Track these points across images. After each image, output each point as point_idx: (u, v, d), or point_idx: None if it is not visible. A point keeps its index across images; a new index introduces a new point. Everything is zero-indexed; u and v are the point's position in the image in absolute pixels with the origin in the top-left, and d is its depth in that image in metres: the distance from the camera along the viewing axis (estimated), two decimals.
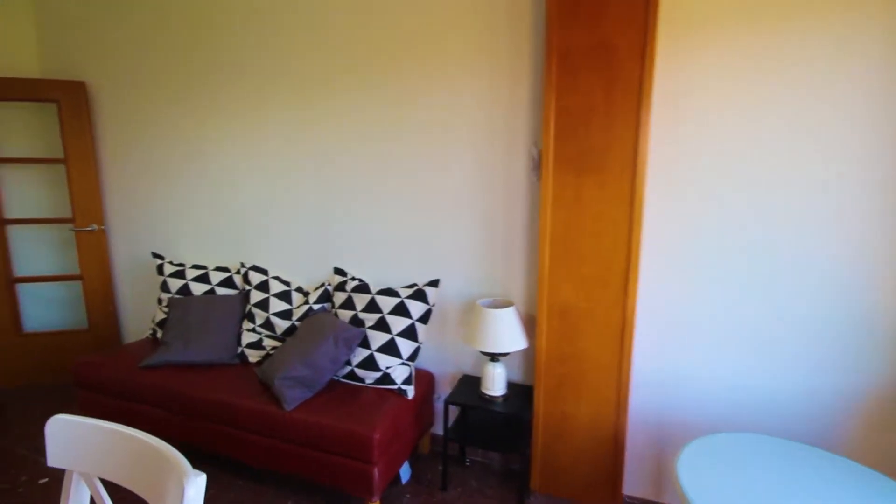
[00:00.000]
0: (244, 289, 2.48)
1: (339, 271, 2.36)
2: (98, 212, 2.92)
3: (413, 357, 2.05)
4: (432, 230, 2.16)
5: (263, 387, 1.99)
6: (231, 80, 2.47)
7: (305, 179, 2.39)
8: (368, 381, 2.01)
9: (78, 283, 2.99)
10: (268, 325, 2.31)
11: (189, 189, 2.70)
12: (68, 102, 2.76)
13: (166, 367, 2.18)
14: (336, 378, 2.06)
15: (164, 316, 2.52)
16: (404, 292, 2.10)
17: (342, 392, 1.95)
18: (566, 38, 1.62)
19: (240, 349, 2.30)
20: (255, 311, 2.35)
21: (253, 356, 2.27)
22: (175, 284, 2.53)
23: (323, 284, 2.33)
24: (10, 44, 2.86)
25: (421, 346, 2.08)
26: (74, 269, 2.98)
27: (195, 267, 2.59)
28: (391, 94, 2.13)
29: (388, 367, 1.99)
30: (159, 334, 2.51)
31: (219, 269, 2.58)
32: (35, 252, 3.01)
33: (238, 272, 2.56)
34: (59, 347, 2.97)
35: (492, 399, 1.90)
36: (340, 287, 2.27)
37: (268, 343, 2.30)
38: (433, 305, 2.12)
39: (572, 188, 1.68)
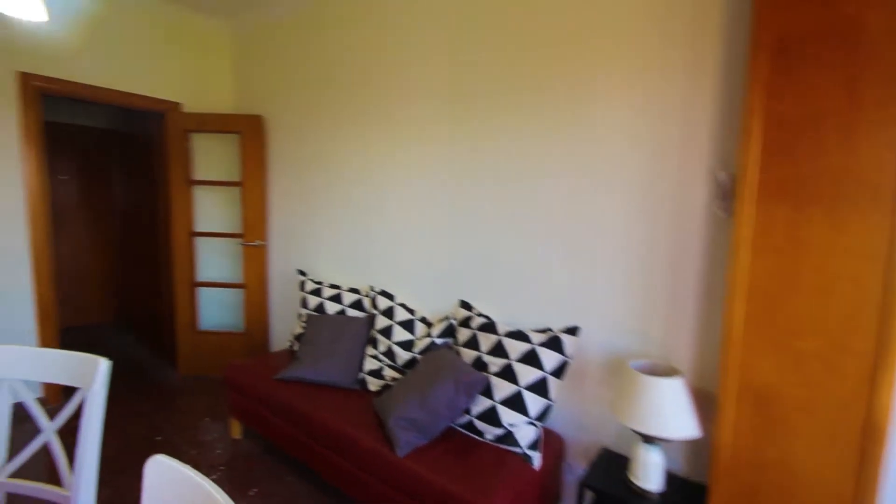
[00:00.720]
0: (371, 313, 2.46)
1: (465, 305, 2.18)
2: (262, 229, 3.27)
3: (542, 417, 1.73)
4: (575, 268, 1.84)
5: (379, 422, 1.88)
6: (375, 119, 2.53)
7: (439, 208, 2.29)
8: (488, 436, 1.75)
9: (241, 291, 3.38)
10: (389, 353, 2.22)
11: (333, 212, 2.85)
12: (248, 133, 3.17)
13: (296, 384, 2.24)
14: (453, 426, 1.84)
15: (301, 331, 2.64)
16: (536, 338, 1.80)
17: (459, 445, 1.72)
18: (783, 20, 1.19)
19: (361, 375, 2.26)
20: (379, 337, 2.29)
21: (373, 384, 2.20)
22: (312, 301, 2.64)
23: (447, 318, 2.17)
24: (214, 86, 3.44)
25: (553, 405, 1.75)
26: (239, 278, 3.38)
27: (331, 286, 2.68)
28: (534, 115, 1.90)
29: (511, 425, 1.70)
30: (296, 347, 2.63)
31: (351, 290, 2.62)
32: (211, 261, 3.50)
33: (367, 295, 2.56)
34: (222, 346, 3.37)
35: (644, 494, 1.47)
36: (465, 323, 2.07)
37: (388, 373, 2.21)
38: (571, 358, 1.78)
39: (785, 226, 1.21)
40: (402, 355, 2.18)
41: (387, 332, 2.27)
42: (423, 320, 2.30)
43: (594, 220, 1.77)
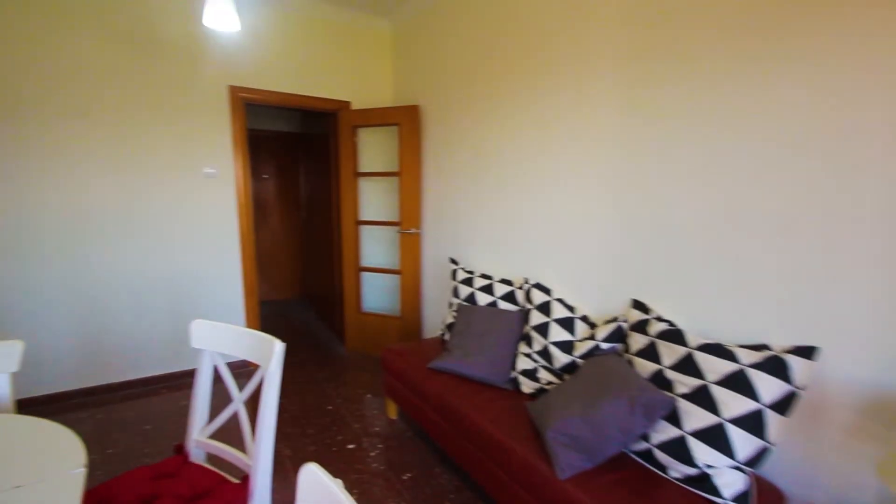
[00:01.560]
0: (525, 307, 2.26)
1: (639, 305, 1.82)
2: (417, 217, 3.35)
3: (755, 462, 1.30)
4: (805, 258, 1.34)
5: (534, 431, 1.68)
6: (530, 99, 2.29)
7: (607, 194, 1.96)
8: (674, 473, 1.40)
9: (397, 277, 3.54)
10: (545, 354, 2.00)
11: (485, 200, 2.72)
12: (406, 123, 3.26)
13: (447, 375, 2.18)
14: (626, 452, 1.54)
15: (452, 320, 2.60)
16: (746, 356, 1.37)
17: (633, 477, 1.42)
18: None
19: (513, 374, 2.09)
20: (534, 334, 2.08)
21: (526, 386, 2.01)
22: (464, 291, 2.57)
23: (615, 319, 1.84)
24: (377, 82, 3.64)
25: (771, 449, 1.30)
26: (396, 265, 3.54)
27: (482, 276, 2.56)
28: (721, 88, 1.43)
29: (709, 466, 1.32)
30: (447, 336, 2.61)
31: (503, 281, 2.47)
32: (373, 247, 3.74)
33: (521, 287, 2.37)
34: (380, 328, 3.58)
35: None
36: (640, 327, 1.72)
37: (543, 376, 1.99)
38: (802, 389, 1.30)
39: None
40: (560, 357, 1.93)
41: (542, 329, 2.05)
42: (585, 319, 2.01)
43: (833, 191, 1.25)
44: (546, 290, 2.19)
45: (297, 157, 5.40)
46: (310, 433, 2.44)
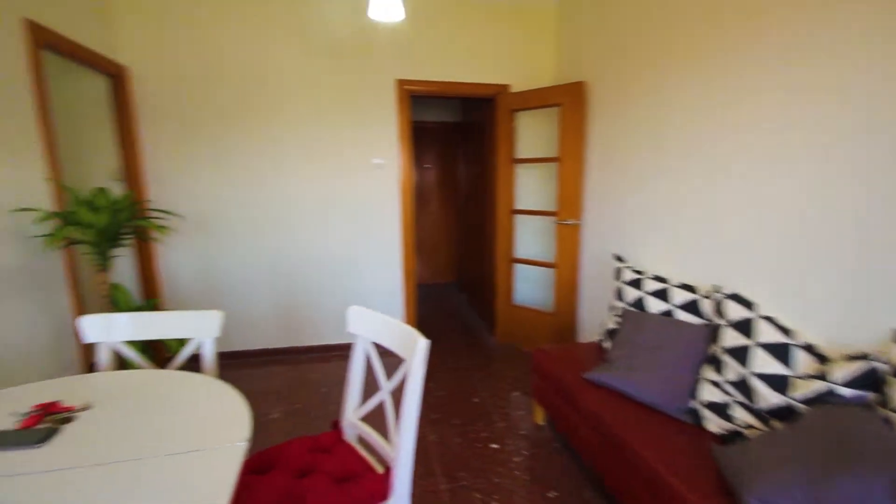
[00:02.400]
0: (713, 321, 1.81)
1: None
2: (577, 207, 3.04)
3: None
4: None
5: (724, 486, 1.31)
6: (726, 61, 1.77)
7: (856, 170, 1.39)
8: None
9: (552, 271, 3.29)
10: (743, 386, 1.55)
11: (662, 188, 2.28)
12: (569, 103, 2.95)
13: (606, 390, 1.90)
14: None
15: (614, 326, 2.27)
16: None
17: None
18: None
19: (693, 403, 1.69)
20: (726, 359, 1.64)
21: (712, 423, 1.60)
22: (630, 294, 2.21)
23: (865, 356, 1.30)
24: (538, 62, 3.39)
25: None
26: (551, 258, 3.29)
27: (655, 279, 2.16)
28: None
29: None
30: (606, 344, 2.29)
31: (683, 286, 2.03)
32: (527, 238, 3.56)
33: (708, 297, 1.91)
34: (532, 323, 3.40)
35: None
36: None
37: (739, 415, 1.55)
38: None
39: None
40: (768, 396, 1.47)
41: (740, 354, 1.60)
42: (811, 349, 1.49)
43: None
44: (747, 304, 1.70)
45: (457, 145, 5.51)
46: (455, 423, 2.43)
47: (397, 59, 3.21)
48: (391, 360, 1.63)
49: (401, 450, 1.21)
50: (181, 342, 2.03)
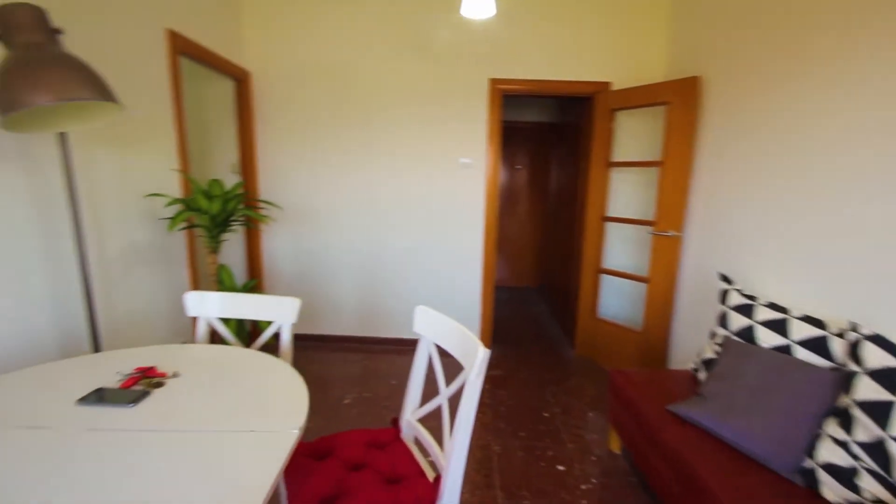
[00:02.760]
0: (846, 367, 1.48)
1: None
2: (679, 217, 2.72)
3: None
4: None
5: None
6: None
7: None
8: None
9: (643, 286, 3.00)
10: (879, 452, 1.25)
11: (785, 198, 1.93)
12: (678, 101, 2.65)
13: (694, 428, 1.66)
14: None
15: (712, 356, 1.99)
16: None
17: None
18: None
19: (808, 463, 1.40)
20: (860, 415, 1.33)
21: (830, 491, 1.31)
22: (736, 321, 1.91)
23: None
24: (645, 56, 3.09)
25: None
26: (643, 271, 3.00)
27: (771, 306, 1.84)
28: None
29: None
30: (701, 375, 2.01)
31: (807, 319, 1.70)
32: (617, 247, 3.28)
33: (841, 335, 1.57)
34: (616, 340, 3.14)
35: None
36: None
37: (868, 486, 1.25)
38: None
39: None
40: None
41: (879, 411, 1.28)
42: None
43: None
44: (894, 350, 1.36)
45: (551, 147, 5.30)
46: (521, 436, 2.33)
47: (491, 57, 3.16)
48: (457, 364, 1.60)
49: (452, 459, 1.16)
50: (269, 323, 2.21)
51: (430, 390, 1.46)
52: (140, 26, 2.13)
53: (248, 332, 2.31)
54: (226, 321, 2.13)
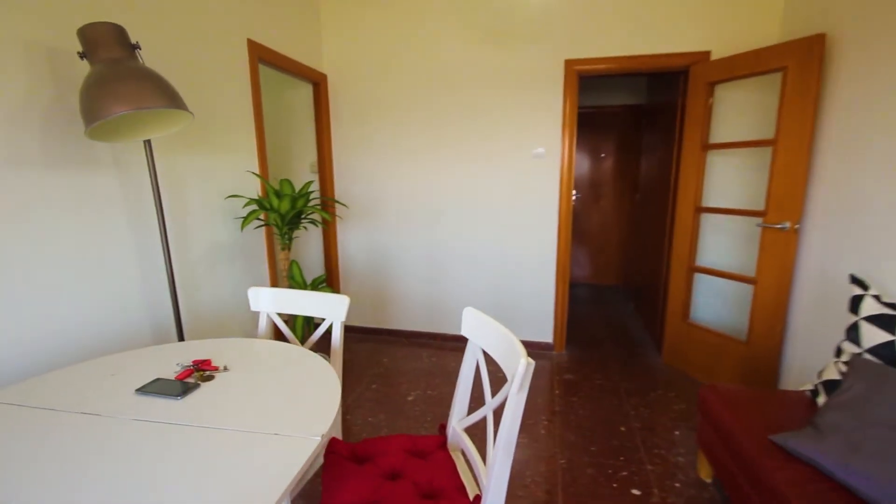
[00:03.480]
0: None
1: None
2: (796, 207, 2.27)
3: None
4: None
5: None
6: None
7: None
8: None
9: (748, 287, 2.57)
10: None
11: None
12: (797, 66, 2.20)
13: (805, 466, 1.35)
14: None
15: (835, 377, 1.61)
16: None
17: None
18: None
19: None
20: None
21: None
22: (872, 337, 1.52)
23: None
24: (751, 15, 2.61)
25: None
26: (748, 270, 2.56)
27: None
28: None
29: None
30: (820, 398, 1.65)
31: None
32: (715, 242, 2.85)
33: None
34: (713, 349, 2.73)
35: None
36: None
37: None
38: None
39: None
40: None
41: None
42: None
43: None
44: None
45: (639, 132, 4.82)
46: (592, 450, 2.12)
47: (566, 36, 2.91)
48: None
49: (492, 480, 1.05)
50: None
51: (480, 394, 1.35)
52: (223, 37, 2.29)
53: (315, 325, 2.40)
54: (293, 316, 2.23)
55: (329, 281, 3.57)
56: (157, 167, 1.92)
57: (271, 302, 1.68)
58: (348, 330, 3.68)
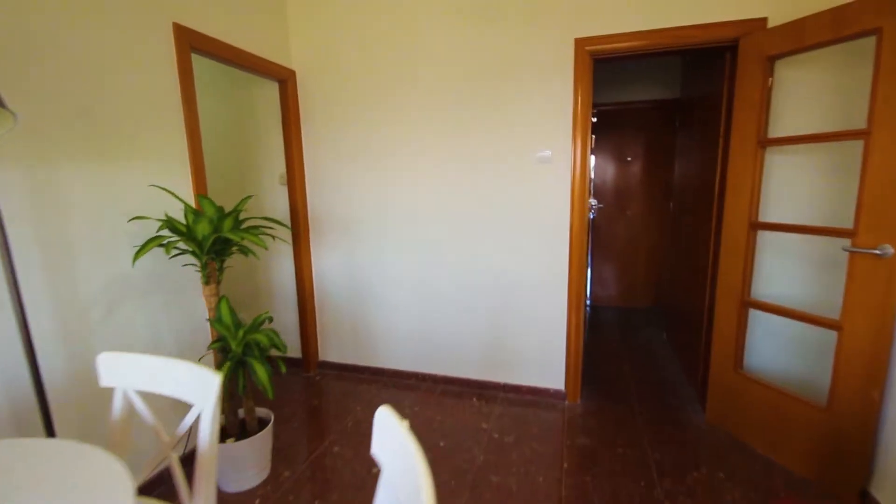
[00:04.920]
0: None
1: None
2: None
3: None
4: None
5: None
6: None
7: None
8: None
9: (831, 334, 1.88)
10: None
11: None
12: None
13: None
14: None
15: None
16: None
17: None
18: None
19: None
20: None
21: None
22: None
23: None
24: None
25: None
26: (830, 308, 1.88)
27: None
28: None
29: None
30: None
31: None
32: (780, 268, 2.17)
33: None
34: (779, 411, 2.05)
35: None
36: None
37: None
38: None
39: None
40: None
41: None
42: None
43: None
44: None
45: (672, 130, 4.14)
46: None
47: (573, 8, 2.33)
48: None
49: None
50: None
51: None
52: (135, 20, 1.83)
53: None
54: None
55: (302, 310, 3.07)
56: (9, 181, 1.45)
57: (132, 373, 1.16)
58: (324, 366, 3.16)
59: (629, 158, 4.42)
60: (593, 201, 4.41)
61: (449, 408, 2.60)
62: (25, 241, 1.47)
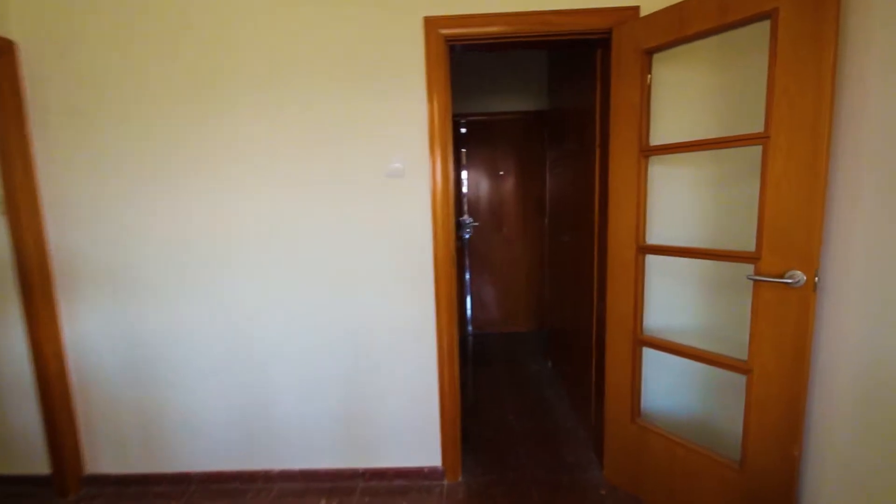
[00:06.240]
0: None
1: None
2: (811, 245, 1.32)
3: None
4: None
5: None
6: None
7: None
8: None
9: (740, 378, 1.57)
10: None
11: None
12: (796, 8, 1.27)
13: None
14: None
15: None
16: None
17: None
18: None
19: None
20: None
21: None
22: None
23: None
24: None
25: None
26: (737, 347, 1.57)
27: None
28: None
29: None
30: None
31: None
32: (673, 297, 1.87)
33: None
34: (682, 468, 1.70)
35: None
36: None
37: None
38: None
39: None
40: None
41: None
42: None
43: None
44: None
45: (544, 142, 3.93)
46: None
47: None
48: None
49: None
50: None
51: None
52: None
53: None
54: None
55: (48, 403, 1.99)
56: None
57: None
58: (94, 483, 2.10)
59: (501, 173, 4.11)
60: (468, 219, 4.00)
61: None
62: None
